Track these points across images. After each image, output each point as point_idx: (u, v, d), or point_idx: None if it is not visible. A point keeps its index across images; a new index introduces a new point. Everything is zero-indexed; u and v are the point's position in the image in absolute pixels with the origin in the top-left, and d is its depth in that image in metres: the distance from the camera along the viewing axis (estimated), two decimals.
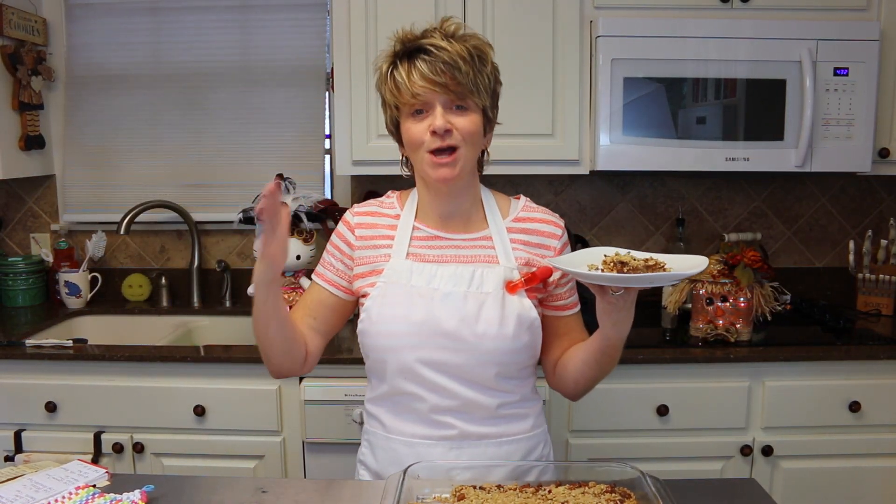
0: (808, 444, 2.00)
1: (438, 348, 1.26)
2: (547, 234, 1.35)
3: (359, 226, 1.35)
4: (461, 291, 1.26)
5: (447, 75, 1.21)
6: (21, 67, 2.38)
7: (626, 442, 1.99)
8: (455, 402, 1.27)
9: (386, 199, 1.40)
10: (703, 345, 2.03)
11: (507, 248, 1.32)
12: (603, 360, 1.27)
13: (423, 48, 1.22)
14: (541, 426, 1.38)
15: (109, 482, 1.24)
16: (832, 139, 2.14)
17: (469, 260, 1.31)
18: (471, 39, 1.25)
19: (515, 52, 2.16)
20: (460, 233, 1.34)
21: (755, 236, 2.46)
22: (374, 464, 1.35)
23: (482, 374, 1.27)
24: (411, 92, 1.22)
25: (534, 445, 1.36)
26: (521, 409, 1.34)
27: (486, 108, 1.28)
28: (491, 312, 1.26)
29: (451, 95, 1.22)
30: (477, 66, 1.24)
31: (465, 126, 1.24)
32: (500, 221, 1.35)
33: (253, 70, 2.55)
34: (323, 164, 2.59)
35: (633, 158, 2.14)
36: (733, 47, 2.10)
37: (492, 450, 1.30)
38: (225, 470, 1.98)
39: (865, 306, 2.39)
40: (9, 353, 2.00)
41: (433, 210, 1.34)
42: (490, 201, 1.38)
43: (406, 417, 1.31)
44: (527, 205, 1.39)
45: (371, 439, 1.37)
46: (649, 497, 1.07)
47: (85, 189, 2.62)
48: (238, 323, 2.47)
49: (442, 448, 1.28)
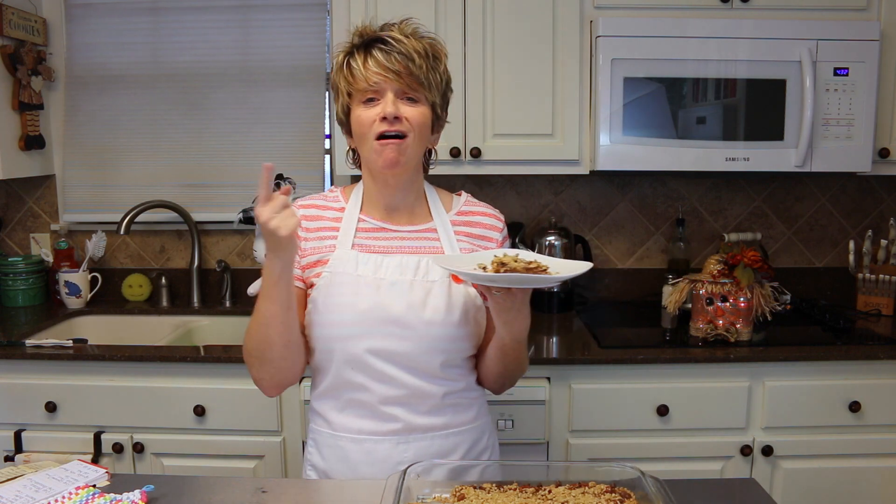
0: (808, 444, 2.00)
1: (386, 336, 1.27)
2: (489, 227, 1.39)
3: (304, 217, 1.34)
4: (408, 280, 1.28)
5: (401, 65, 1.24)
6: (21, 67, 2.38)
7: (626, 442, 1.99)
8: (402, 391, 1.28)
9: (329, 194, 1.41)
10: (703, 345, 2.03)
11: (452, 239, 1.35)
12: (505, 358, 1.31)
13: (381, 39, 1.26)
14: (484, 416, 1.41)
15: (109, 482, 1.24)
16: (832, 139, 2.14)
17: (414, 251, 1.33)
18: (427, 38, 1.30)
19: (515, 52, 2.16)
20: (405, 224, 1.36)
21: (755, 236, 2.46)
22: (321, 463, 1.35)
23: (428, 362, 1.28)
24: (365, 78, 1.25)
25: (479, 436, 1.38)
26: (465, 398, 1.35)
27: (435, 105, 1.31)
28: (438, 300, 1.28)
29: (402, 84, 1.25)
30: (431, 62, 1.28)
31: (414, 116, 1.27)
32: (444, 215, 1.38)
33: (253, 70, 2.55)
34: (323, 164, 2.58)
35: (633, 158, 2.14)
36: (733, 47, 2.10)
37: (438, 442, 1.31)
38: (225, 470, 1.98)
39: (865, 306, 2.39)
40: (9, 353, 2.00)
41: (379, 201, 1.36)
42: (434, 196, 1.41)
43: (352, 412, 1.31)
44: (468, 200, 1.43)
45: (317, 438, 1.37)
46: (649, 497, 1.07)
47: (85, 189, 2.62)
48: (238, 323, 2.47)
49: (389, 443, 1.30)
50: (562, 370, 1.97)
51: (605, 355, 1.97)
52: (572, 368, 1.97)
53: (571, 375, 1.97)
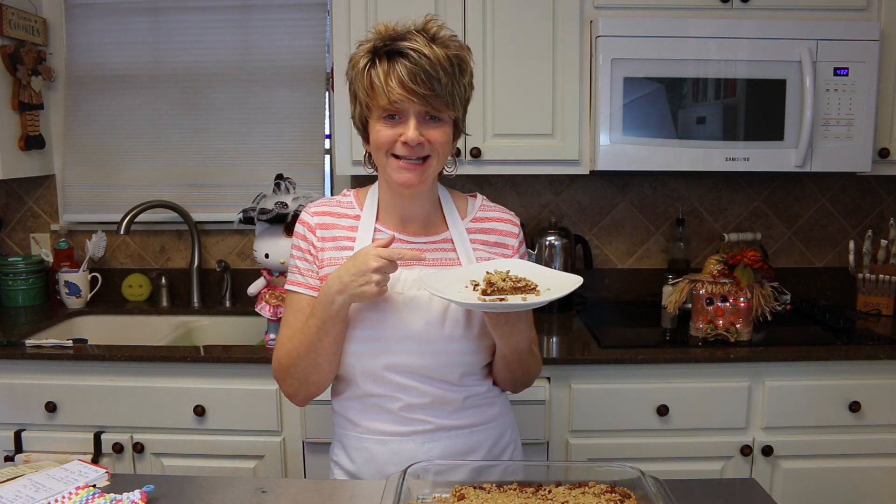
0: (808, 444, 2.00)
1: (405, 352, 1.26)
2: (505, 233, 1.37)
3: (319, 226, 1.33)
4: (425, 294, 1.26)
5: (426, 85, 1.18)
6: (21, 67, 2.38)
7: (626, 442, 1.99)
8: (423, 399, 1.28)
9: (343, 198, 1.38)
10: (703, 345, 2.03)
11: (468, 249, 1.33)
12: (509, 366, 1.31)
13: (404, 52, 1.18)
14: (507, 412, 1.41)
15: (109, 482, 1.24)
16: (832, 139, 2.14)
17: (431, 263, 1.31)
18: (452, 45, 1.23)
19: (515, 52, 2.16)
20: (420, 235, 1.33)
21: (755, 236, 2.45)
22: (349, 465, 1.35)
23: (448, 373, 1.28)
24: (388, 98, 1.19)
25: (503, 431, 1.38)
26: (487, 398, 1.35)
27: (457, 120, 1.28)
28: (456, 314, 1.26)
29: (427, 107, 1.20)
30: (456, 76, 1.22)
31: (437, 138, 1.23)
32: (459, 223, 1.35)
33: (253, 70, 2.55)
34: (323, 164, 2.58)
35: (632, 158, 2.14)
36: (733, 47, 2.10)
37: (462, 440, 1.31)
38: (225, 470, 1.98)
39: (865, 306, 2.39)
40: (9, 353, 2.00)
41: (394, 211, 1.33)
42: (448, 202, 1.37)
43: (375, 416, 1.31)
44: (484, 203, 1.40)
45: (343, 441, 1.37)
46: (649, 497, 1.07)
47: (85, 189, 2.62)
48: (238, 323, 2.47)
49: (414, 443, 1.30)
50: (562, 370, 1.97)
51: (605, 355, 1.97)
52: (572, 368, 1.97)
53: (571, 375, 1.97)
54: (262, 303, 2.07)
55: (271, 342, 2.06)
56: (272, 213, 2.08)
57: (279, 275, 2.13)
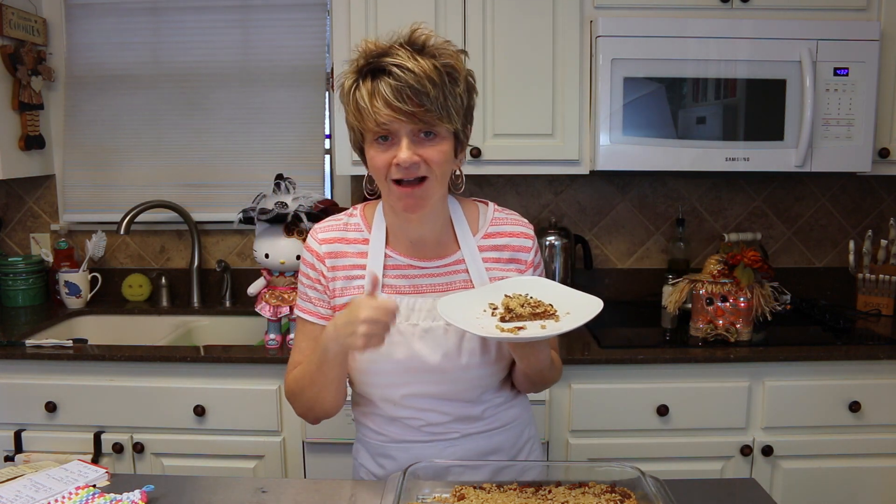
0: (808, 444, 2.00)
1: (422, 383, 1.25)
2: (518, 248, 1.31)
3: (328, 255, 1.28)
4: (441, 325, 1.23)
5: (413, 102, 1.10)
6: (21, 67, 2.38)
7: (626, 442, 1.99)
8: (444, 418, 1.28)
9: (350, 220, 1.32)
10: (703, 345, 2.03)
11: (481, 270, 1.28)
12: (529, 379, 1.30)
13: (387, 69, 1.11)
14: (526, 411, 1.41)
15: (109, 482, 1.24)
16: (832, 139, 2.14)
17: (446, 287, 1.28)
18: (441, 54, 1.15)
19: (515, 53, 2.16)
20: (432, 259, 1.28)
21: (755, 236, 2.45)
22: (379, 470, 1.34)
23: (467, 395, 1.28)
24: (375, 119, 1.12)
25: (522, 429, 1.38)
26: (505, 404, 1.35)
27: (457, 132, 1.20)
28: (473, 343, 1.24)
29: (418, 124, 1.13)
30: (447, 87, 1.13)
31: (433, 157, 1.15)
32: (471, 241, 1.29)
33: (253, 70, 2.55)
34: (323, 164, 2.58)
35: (633, 158, 2.14)
36: (733, 47, 2.10)
37: (483, 442, 1.31)
38: (225, 470, 1.98)
39: (865, 306, 2.39)
40: (9, 353, 2.00)
41: (403, 235, 1.28)
42: (460, 218, 1.31)
43: (399, 431, 1.31)
44: (496, 215, 1.33)
45: (365, 444, 1.37)
46: (649, 497, 1.07)
47: (85, 189, 2.62)
48: (238, 323, 2.47)
49: (435, 448, 1.30)
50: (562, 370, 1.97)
51: (605, 355, 1.97)
52: (572, 368, 1.96)
53: (571, 375, 1.97)
54: (262, 303, 2.07)
55: (271, 342, 2.06)
56: (272, 213, 2.08)
57: (279, 275, 2.13)
